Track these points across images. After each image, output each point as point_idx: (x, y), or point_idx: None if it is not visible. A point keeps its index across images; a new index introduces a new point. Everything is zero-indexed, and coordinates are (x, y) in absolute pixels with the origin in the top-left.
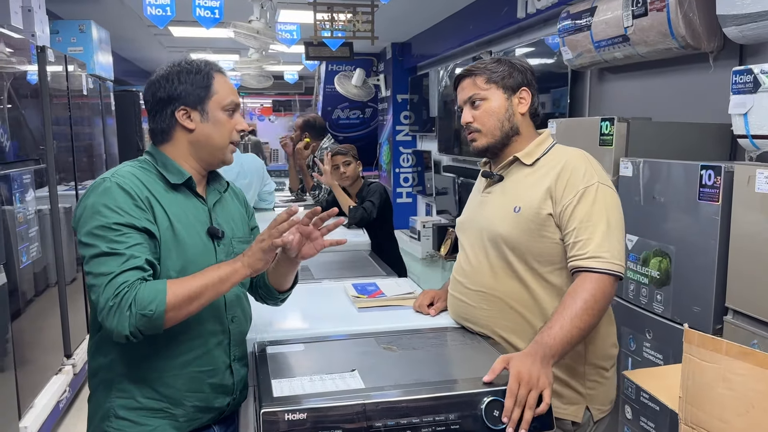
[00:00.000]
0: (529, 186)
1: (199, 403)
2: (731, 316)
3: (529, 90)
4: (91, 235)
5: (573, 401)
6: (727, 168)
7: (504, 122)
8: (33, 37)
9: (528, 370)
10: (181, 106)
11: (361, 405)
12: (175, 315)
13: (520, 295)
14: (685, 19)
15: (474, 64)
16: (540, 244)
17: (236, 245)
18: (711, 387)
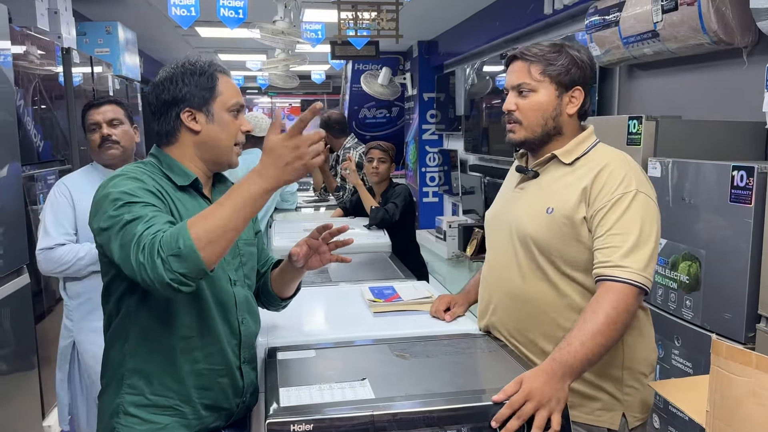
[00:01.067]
0: (565, 186)
1: (208, 402)
2: (764, 324)
3: (583, 89)
4: (109, 218)
5: (609, 407)
6: (760, 169)
7: (548, 120)
8: (59, 39)
9: (540, 388)
10: (186, 107)
11: (369, 416)
12: (210, 248)
13: (550, 297)
14: (717, 13)
15: (531, 47)
16: (572, 248)
17: (242, 247)
18: (740, 402)
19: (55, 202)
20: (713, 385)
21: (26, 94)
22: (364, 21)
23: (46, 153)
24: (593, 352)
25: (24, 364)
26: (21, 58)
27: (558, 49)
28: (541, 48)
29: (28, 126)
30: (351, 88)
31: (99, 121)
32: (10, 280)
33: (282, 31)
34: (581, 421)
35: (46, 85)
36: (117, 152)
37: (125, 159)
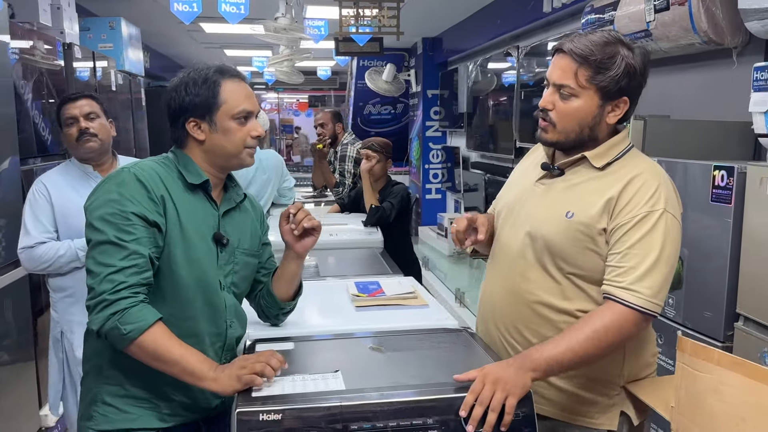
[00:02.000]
0: (591, 192)
1: (185, 400)
2: (742, 322)
3: (630, 101)
4: (102, 221)
5: (606, 409)
6: (740, 169)
7: (584, 128)
8: (62, 34)
9: (498, 372)
10: (190, 117)
11: (337, 407)
12: (138, 352)
13: (553, 301)
14: (707, 13)
15: (582, 42)
16: (585, 256)
17: (239, 255)
18: (703, 398)
19: (34, 200)
20: (678, 381)
21: (34, 88)
22: (366, 18)
23: (54, 146)
24: (565, 358)
25: (22, 354)
26: (27, 52)
27: (612, 53)
28: (593, 47)
29: (36, 119)
30: (356, 84)
31: (76, 115)
32: (7, 272)
33: (284, 28)
34: (580, 424)
35: (54, 79)
36: (95, 145)
37: (102, 152)
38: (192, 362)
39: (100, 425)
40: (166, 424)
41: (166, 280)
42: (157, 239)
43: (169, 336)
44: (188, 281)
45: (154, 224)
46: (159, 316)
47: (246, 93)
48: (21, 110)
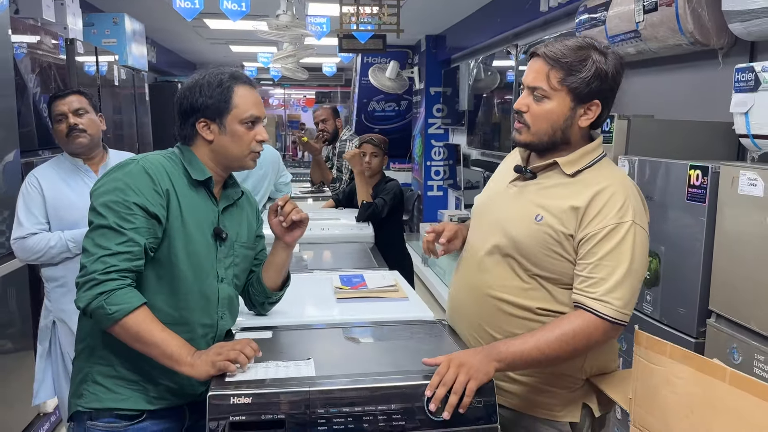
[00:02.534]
0: (560, 197)
1: (172, 385)
2: (714, 319)
3: (601, 103)
4: (105, 207)
5: (568, 402)
6: (714, 168)
7: (557, 131)
8: (65, 29)
9: (464, 357)
10: (201, 117)
11: (305, 392)
12: (121, 332)
13: (517, 300)
14: (693, 14)
15: (556, 47)
16: (552, 258)
17: (237, 249)
18: (657, 390)
19: (27, 193)
20: (636, 373)
21: (41, 82)
22: (366, 15)
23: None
24: (530, 355)
25: (22, 342)
26: (33, 47)
27: (584, 55)
28: (566, 50)
29: (44, 113)
30: (360, 81)
31: (65, 112)
32: (8, 261)
33: (285, 25)
34: (542, 417)
35: (62, 74)
36: (84, 140)
37: (92, 147)
38: (171, 346)
39: (89, 403)
40: (153, 407)
41: (164, 270)
42: (155, 230)
43: (152, 320)
44: (186, 273)
45: (154, 216)
46: (144, 301)
47: (255, 99)
48: (28, 104)
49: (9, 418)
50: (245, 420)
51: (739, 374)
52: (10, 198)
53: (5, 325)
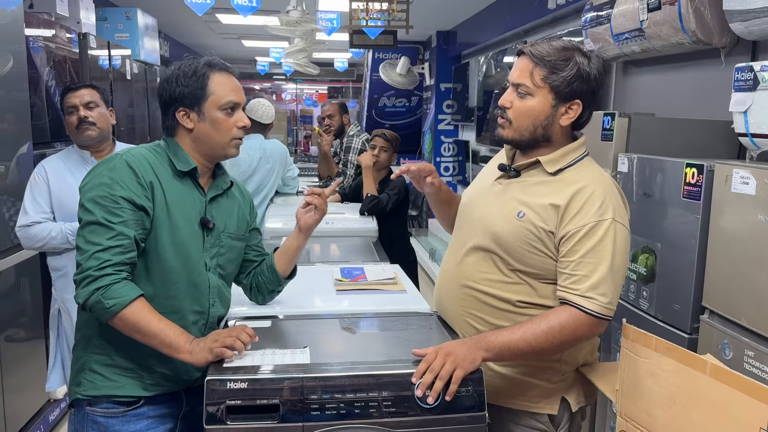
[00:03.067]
0: (542, 195)
1: (168, 372)
2: (707, 315)
3: (582, 104)
4: (92, 202)
5: (547, 394)
6: (709, 167)
7: (538, 128)
8: (78, 23)
9: (452, 347)
10: (180, 107)
11: (299, 378)
12: (120, 325)
13: (498, 293)
14: (695, 13)
15: (542, 46)
16: (533, 254)
17: (224, 239)
18: (642, 381)
19: (34, 183)
20: (622, 365)
21: (56, 75)
22: (375, 12)
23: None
24: (517, 346)
25: (33, 329)
26: (48, 41)
27: (568, 56)
28: (551, 50)
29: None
30: (371, 76)
31: (76, 104)
32: (19, 250)
33: (296, 21)
34: (522, 409)
35: (75, 67)
36: (93, 133)
37: (101, 140)
38: (170, 335)
39: (87, 391)
40: (149, 393)
41: (152, 261)
42: (144, 222)
43: (149, 311)
44: (173, 263)
45: (141, 208)
46: (140, 293)
47: (233, 86)
48: (41, 97)
49: (20, 403)
50: (241, 404)
51: (719, 367)
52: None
53: (17, 314)
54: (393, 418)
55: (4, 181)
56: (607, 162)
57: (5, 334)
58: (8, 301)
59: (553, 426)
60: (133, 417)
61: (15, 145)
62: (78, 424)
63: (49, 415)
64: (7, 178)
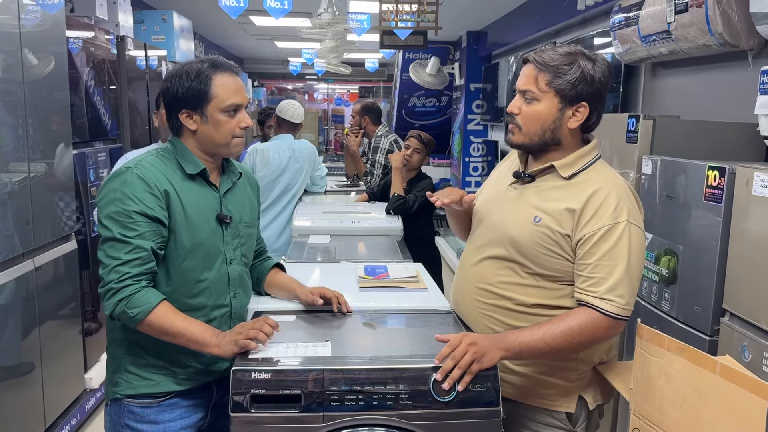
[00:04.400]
0: (557, 199)
1: (199, 366)
2: (728, 317)
3: (589, 106)
4: (108, 219)
5: (564, 392)
6: (730, 169)
7: (546, 131)
8: (116, 26)
9: (475, 337)
10: (183, 109)
11: (320, 371)
12: (147, 329)
13: (514, 295)
14: (723, 15)
15: (545, 53)
16: (550, 257)
17: (242, 229)
18: (655, 380)
19: None
20: (636, 365)
21: (95, 76)
22: (405, 13)
23: (113, 130)
24: (536, 346)
25: (71, 322)
26: (89, 43)
27: (571, 60)
28: (555, 56)
29: (98, 105)
30: (401, 76)
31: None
32: (59, 245)
33: (328, 22)
34: (539, 406)
35: (114, 68)
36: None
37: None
38: (196, 332)
39: (124, 390)
40: (183, 387)
41: (173, 264)
42: (160, 231)
43: (173, 312)
44: (194, 263)
45: (155, 219)
46: (162, 298)
47: (236, 87)
48: (81, 96)
49: (58, 393)
50: (265, 394)
51: (729, 367)
52: (63, 186)
53: (58, 305)
54: (410, 411)
55: (46, 178)
56: (632, 164)
57: (45, 325)
58: (49, 293)
59: (570, 424)
60: (167, 407)
61: (56, 143)
62: (115, 414)
63: (86, 404)
64: (48, 175)
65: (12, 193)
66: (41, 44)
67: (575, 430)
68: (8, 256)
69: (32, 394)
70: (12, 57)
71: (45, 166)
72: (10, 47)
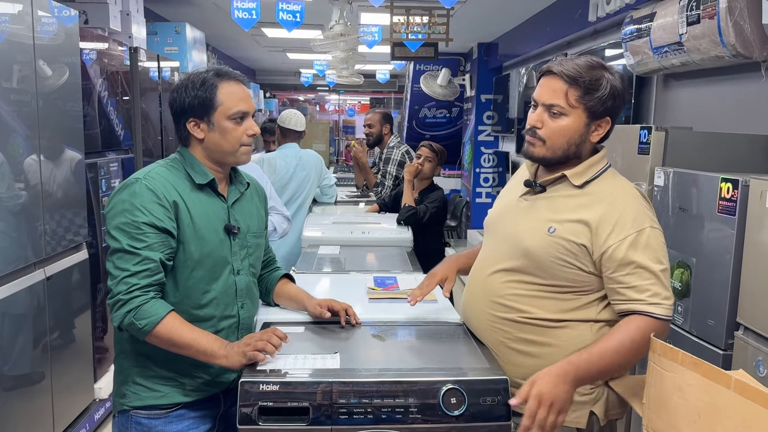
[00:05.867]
0: (571, 209)
1: (206, 377)
2: (742, 331)
3: (612, 120)
4: (117, 230)
5: (576, 408)
6: (744, 182)
7: (571, 146)
8: (130, 38)
9: (550, 392)
10: (190, 117)
11: (329, 383)
12: (155, 341)
13: (524, 308)
14: (735, 27)
15: (572, 67)
16: (565, 268)
17: (250, 239)
18: (668, 395)
19: None
20: (650, 379)
21: (109, 87)
22: (415, 25)
23: (126, 141)
24: (607, 368)
25: (81, 332)
26: (103, 55)
27: (599, 75)
28: (580, 68)
29: (111, 116)
30: (412, 87)
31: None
32: (70, 255)
33: (340, 34)
34: None
35: (127, 79)
36: None
37: None
38: (204, 344)
39: (132, 402)
40: (190, 399)
41: (181, 275)
42: (169, 242)
43: (181, 323)
44: (202, 274)
45: (164, 230)
46: (170, 309)
47: (242, 95)
48: (94, 107)
49: (68, 402)
50: (273, 406)
51: (744, 382)
52: (75, 196)
53: (68, 315)
54: (420, 425)
55: (58, 188)
56: (644, 176)
57: (55, 335)
58: (59, 303)
59: None
60: (174, 418)
61: (68, 153)
62: (122, 425)
63: (95, 414)
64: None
65: (24, 202)
66: (55, 56)
67: None
68: (19, 265)
69: (42, 403)
70: (26, 68)
71: (57, 176)
72: (24, 58)
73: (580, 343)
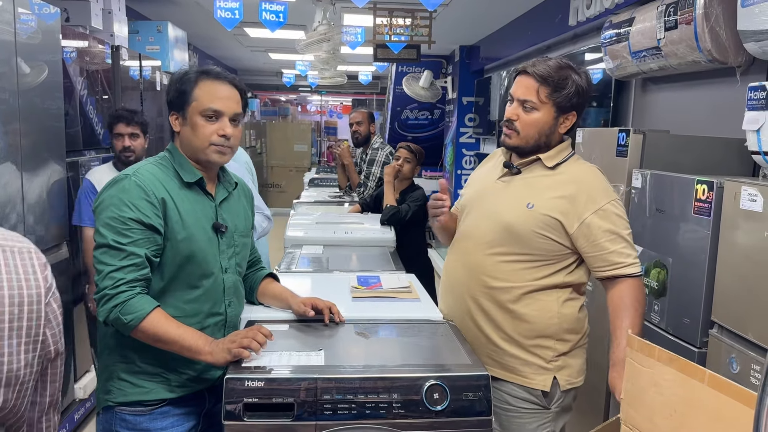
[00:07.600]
0: (546, 187)
1: (192, 374)
2: (716, 330)
3: (577, 114)
4: (104, 225)
5: (541, 372)
6: (718, 183)
7: (542, 136)
8: (111, 36)
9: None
10: (171, 110)
11: (313, 380)
12: (141, 336)
13: (504, 276)
14: (711, 32)
15: (541, 65)
16: (539, 239)
17: (237, 238)
18: (645, 390)
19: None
20: (627, 375)
21: (89, 85)
22: (398, 27)
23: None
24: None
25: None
26: (83, 53)
27: (566, 75)
28: (550, 69)
29: (90, 114)
30: (394, 89)
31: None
32: (50, 253)
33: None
34: (519, 383)
35: (108, 78)
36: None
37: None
38: (189, 340)
39: (117, 398)
40: (175, 395)
41: (169, 271)
42: (155, 239)
43: (167, 319)
44: (190, 270)
45: (150, 227)
46: (156, 305)
47: (220, 94)
48: (75, 106)
49: None
50: (258, 402)
51: (717, 377)
52: (55, 195)
53: None
54: (402, 420)
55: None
56: (622, 177)
57: None
58: None
59: (546, 401)
60: (159, 415)
61: (49, 151)
62: (107, 422)
63: (75, 414)
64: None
65: (3, 201)
66: (36, 53)
67: (550, 407)
68: None
69: None
70: (5, 65)
71: (37, 175)
72: (4, 56)
73: (547, 311)
